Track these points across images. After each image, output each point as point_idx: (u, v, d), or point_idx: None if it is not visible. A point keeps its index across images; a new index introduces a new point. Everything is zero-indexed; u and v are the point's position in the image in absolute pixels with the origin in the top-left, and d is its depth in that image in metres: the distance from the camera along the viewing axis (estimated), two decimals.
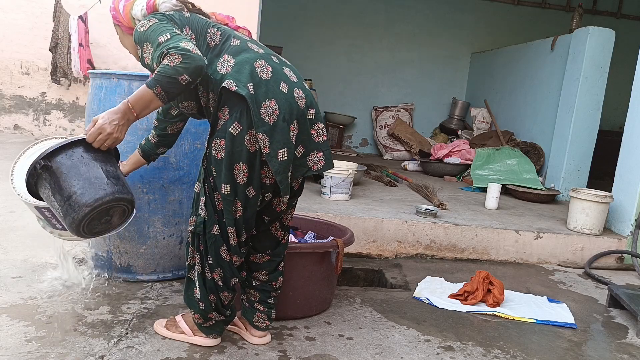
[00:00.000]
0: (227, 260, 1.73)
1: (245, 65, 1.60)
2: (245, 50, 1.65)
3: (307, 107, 1.69)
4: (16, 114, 6.81)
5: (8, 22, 6.60)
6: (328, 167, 1.74)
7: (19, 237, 2.76)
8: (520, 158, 4.86)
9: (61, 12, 6.39)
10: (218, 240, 1.71)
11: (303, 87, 1.71)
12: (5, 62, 6.70)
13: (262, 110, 1.57)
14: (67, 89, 6.84)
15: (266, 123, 1.56)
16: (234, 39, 1.68)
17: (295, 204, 1.91)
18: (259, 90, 1.58)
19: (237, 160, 1.60)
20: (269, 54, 1.71)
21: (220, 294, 1.76)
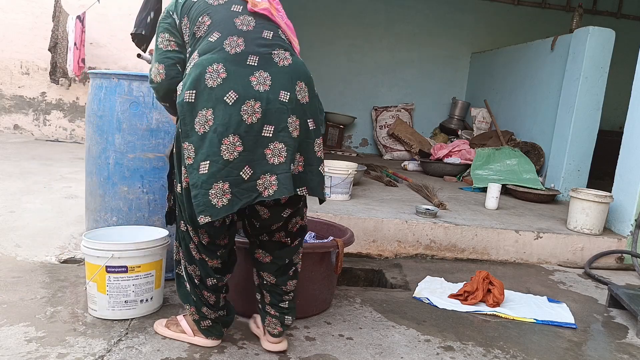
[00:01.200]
0: (197, 259, 1.70)
1: (196, 69, 1.51)
2: (215, 49, 1.52)
3: (263, 122, 1.49)
4: (16, 114, 6.81)
5: (8, 22, 6.60)
6: (281, 193, 1.50)
7: (19, 237, 2.76)
8: (520, 158, 4.86)
9: (61, 12, 6.39)
10: (186, 237, 1.70)
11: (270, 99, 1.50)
12: (5, 62, 6.70)
13: (196, 120, 1.48)
14: (67, 89, 6.84)
15: (196, 133, 1.48)
16: (215, 33, 1.55)
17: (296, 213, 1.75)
18: (200, 97, 1.49)
19: (182, 164, 1.57)
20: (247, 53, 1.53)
21: (202, 292, 1.75)
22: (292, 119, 1.53)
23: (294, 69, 1.58)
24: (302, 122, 1.57)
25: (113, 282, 1.94)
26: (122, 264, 1.94)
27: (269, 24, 1.62)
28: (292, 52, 1.62)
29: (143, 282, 2.00)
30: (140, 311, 2.01)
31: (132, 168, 2.28)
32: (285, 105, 1.52)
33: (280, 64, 1.56)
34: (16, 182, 3.96)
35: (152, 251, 2.00)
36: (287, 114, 1.53)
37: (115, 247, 1.93)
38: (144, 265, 1.99)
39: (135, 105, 2.27)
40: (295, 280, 1.83)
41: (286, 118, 1.52)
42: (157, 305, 2.08)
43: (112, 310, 1.96)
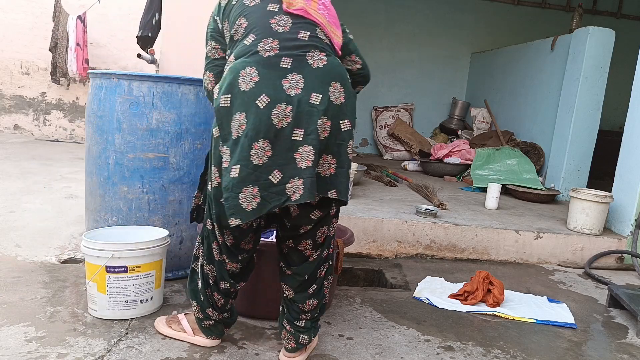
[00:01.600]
0: (217, 260, 1.71)
1: (231, 74, 1.51)
2: (249, 53, 1.52)
3: (294, 126, 1.47)
4: (16, 114, 6.81)
5: (8, 22, 6.60)
6: (306, 197, 1.47)
7: (19, 237, 2.76)
8: (520, 158, 4.86)
9: (61, 12, 6.39)
10: (211, 235, 1.70)
11: (300, 102, 1.48)
12: (5, 62, 6.70)
13: (232, 124, 1.49)
14: (67, 89, 6.85)
15: (231, 137, 1.50)
16: (251, 35, 1.54)
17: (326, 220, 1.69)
18: (235, 101, 1.49)
19: (213, 162, 1.60)
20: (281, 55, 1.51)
21: (213, 293, 1.76)
22: (322, 120, 1.50)
23: (329, 69, 1.54)
24: (334, 123, 1.53)
25: (113, 282, 1.94)
26: (122, 264, 1.94)
27: (306, 23, 1.57)
28: (328, 52, 1.58)
29: (143, 282, 2.00)
30: (141, 311, 2.01)
31: (132, 168, 2.28)
32: (316, 107, 1.49)
33: (314, 65, 1.52)
34: (16, 182, 3.96)
35: (152, 251, 2.00)
36: (318, 115, 1.49)
37: (115, 247, 1.93)
38: (144, 265, 1.99)
39: (135, 105, 2.27)
40: (316, 301, 1.74)
41: (316, 120, 1.49)
42: (157, 305, 2.08)
43: (112, 310, 1.96)
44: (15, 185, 3.83)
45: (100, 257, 1.92)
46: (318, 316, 1.80)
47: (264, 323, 2.06)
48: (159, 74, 2.59)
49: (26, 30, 6.66)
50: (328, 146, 1.54)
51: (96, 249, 1.93)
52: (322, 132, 1.51)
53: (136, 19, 6.71)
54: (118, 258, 1.93)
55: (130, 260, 1.95)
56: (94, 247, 1.94)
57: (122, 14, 6.74)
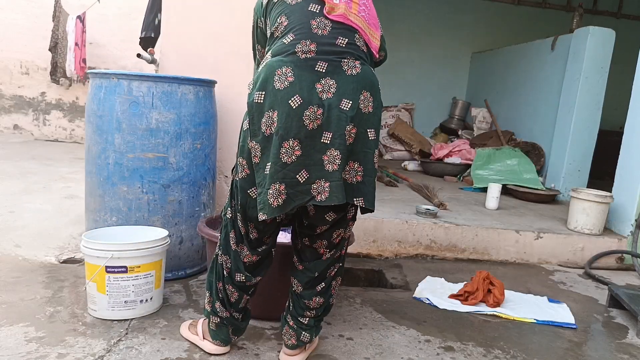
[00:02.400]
0: (234, 250, 1.71)
1: (266, 71, 1.53)
2: (286, 52, 1.53)
3: (323, 129, 1.50)
4: (16, 114, 6.81)
5: (8, 22, 6.60)
6: (332, 200, 1.50)
7: (19, 237, 2.76)
8: (520, 158, 4.85)
9: (61, 11, 6.39)
10: (229, 224, 1.72)
11: (331, 106, 1.50)
12: (5, 62, 6.70)
13: (263, 120, 1.52)
14: (67, 89, 6.84)
15: (262, 133, 1.52)
16: (290, 34, 1.55)
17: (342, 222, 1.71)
18: (268, 98, 1.51)
19: (241, 154, 1.62)
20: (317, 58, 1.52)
21: (226, 285, 1.74)
22: (349, 127, 1.53)
23: (362, 77, 1.57)
24: (361, 131, 1.56)
25: (113, 282, 1.94)
26: (122, 264, 1.94)
27: (346, 29, 1.59)
28: (363, 61, 1.60)
29: (143, 282, 2.00)
30: (140, 311, 2.00)
31: (131, 168, 2.28)
32: (346, 113, 1.52)
33: (348, 72, 1.55)
34: (16, 182, 3.96)
35: (152, 251, 2.00)
36: (346, 121, 1.52)
37: (115, 247, 1.93)
38: (144, 265, 1.98)
39: (135, 105, 2.26)
40: (322, 299, 1.75)
41: (345, 126, 1.52)
42: (156, 305, 2.08)
43: (111, 310, 1.96)
44: (15, 185, 3.83)
45: (100, 257, 1.92)
46: (322, 316, 1.80)
47: (264, 323, 2.06)
48: (159, 74, 2.59)
49: (26, 30, 6.66)
50: (354, 152, 1.56)
51: (96, 249, 1.93)
52: (349, 138, 1.53)
53: (136, 19, 6.71)
54: (118, 258, 1.93)
55: (129, 260, 1.95)
56: (94, 247, 1.93)
57: (122, 14, 6.74)
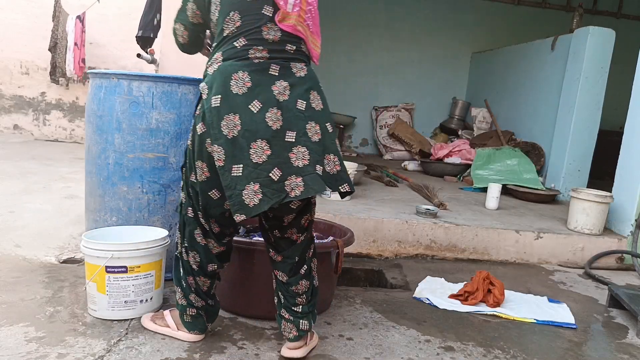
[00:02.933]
0: (202, 244, 1.76)
1: (221, 75, 1.58)
2: (240, 57, 1.59)
3: (285, 129, 1.58)
4: (16, 114, 6.81)
5: (8, 22, 6.60)
6: (308, 193, 1.57)
7: (19, 237, 2.76)
8: (520, 158, 4.85)
9: (60, 11, 6.39)
10: (192, 223, 1.75)
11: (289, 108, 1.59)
12: (5, 62, 6.70)
13: (223, 123, 1.56)
14: (67, 89, 6.84)
15: (224, 136, 1.56)
16: (242, 39, 1.60)
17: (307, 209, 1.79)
18: (226, 103, 1.56)
19: (199, 158, 1.65)
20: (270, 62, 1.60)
21: (197, 278, 1.80)
22: (310, 124, 1.62)
23: (309, 79, 1.68)
24: (323, 127, 1.66)
25: (113, 282, 1.94)
26: (122, 264, 1.94)
27: (293, 37, 1.66)
28: (307, 64, 1.72)
29: (143, 282, 2.00)
30: (140, 311, 2.00)
31: (131, 168, 2.28)
32: (303, 113, 1.62)
33: (297, 74, 1.65)
34: (16, 182, 3.96)
35: (152, 251, 2.00)
36: (305, 120, 1.62)
37: (115, 247, 1.93)
38: (144, 265, 1.98)
39: (135, 105, 2.26)
40: (307, 282, 1.81)
41: (304, 124, 1.61)
42: (156, 305, 2.08)
43: (111, 310, 1.96)
44: (15, 185, 3.83)
45: (100, 257, 1.92)
46: (313, 300, 1.84)
47: (264, 323, 2.06)
48: (159, 74, 2.59)
49: (26, 30, 6.66)
50: (327, 146, 1.65)
51: (96, 249, 1.93)
52: (315, 135, 1.63)
53: (136, 19, 6.69)
54: (118, 258, 1.93)
55: (129, 260, 1.95)
56: (94, 247, 1.93)
57: (122, 14, 6.74)
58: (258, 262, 2.05)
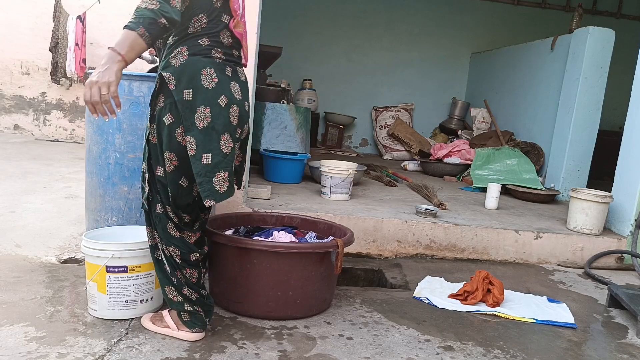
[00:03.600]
0: (177, 237, 1.82)
1: (190, 69, 1.68)
2: (204, 54, 1.71)
3: (238, 126, 1.79)
4: (16, 114, 6.81)
5: (8, 22, 6.60)
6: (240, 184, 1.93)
7: (19, 237, 2.76)
8: (520, 158, 4.86)
9: (61, 12, 6.39)
10: (163, 219, 1.80)
11: (242, 106, 1.81)
12: (5, 62, 6.70)
13: (196, 116, 1.68)
14: (67, 89, 6.84)
15: (196, 127, 1.68)
16: (206, 38, 1.71)
17: None
18: (198, 96, 1.68)
19: (167, 149, 1.71)
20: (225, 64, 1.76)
21: (184, 271, 1.85)
22: (247, 125, 1.91)
23: (247, 84, 1.89)
24: (248, 127, 1.94)
25: (113, 282, 1.95)
26: (123, 264, 1.94)
27: (239, 43, 1.84)
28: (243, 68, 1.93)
29: (143, 282, 2.00)
30: (141, 311, 2.01)
31: (132, 168, 2.29)
32: (248, 113, 1.88)
33: (241, 78, 1.86)
34: (16, 182, 3.96)
35: None
36: (247, 120, 1.88)
37: (116, 247, 1.94)
38: (144, 265, 1.99)
39: (136, 105, 2.27)
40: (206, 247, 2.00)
41: (246, 124, 1.88)
42: (157, 305, 2.08)
43: (112, 310, 1.96)
44: (16, 185, 3.83)
45: (101, 257, 1.93)
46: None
47: (264, 323, 2.06)
48: None
49: (26, 30, 6.66)
50: (243, 145, 1.96)
51: (96, 249, 1.93)
52: (246, 135, 1.93)
53: None
54: (118, 258, 1.93)
55: (130, 260, 1.96)
56: (94, 247, 1.94)
57: (123, 14, 6.74)
58: (257, 261, 2.05)
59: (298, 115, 4.32)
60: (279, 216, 2.60)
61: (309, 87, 6.82)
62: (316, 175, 4.01)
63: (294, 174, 4.03)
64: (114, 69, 1.49)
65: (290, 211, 2.95)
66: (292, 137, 4.24)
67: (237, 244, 2.06)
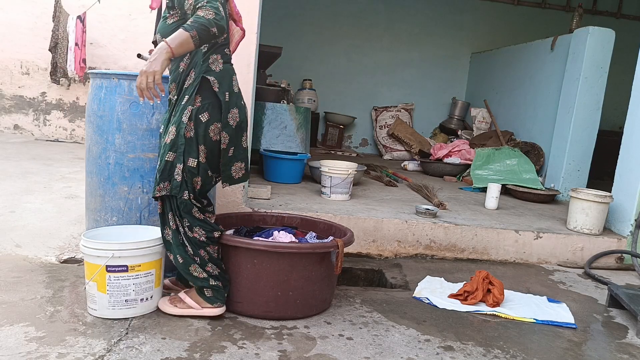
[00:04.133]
0: (201, 219, 2.00)
1: (227, 75, 2.00)
2: (229, 62, 2.04)
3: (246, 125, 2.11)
4: (16, 114, 6.81)
5: (8, 22, 6.60)
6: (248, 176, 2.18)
7: (19, 237, 2.76)
8: (520, 158, 4.86)
9: (61, 12, 6.39)
10: (189, 204, 1.97)
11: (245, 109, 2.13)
12: (5, 62, 6.70)
13: (229, 115, 1.99)
14: (67, 89, 6.84)
15: (230, 125, 2.00)
16: (228, 48, 2.05)
17: None
18: (231, 98, 1.99)
19: (201, 143, 1.95)
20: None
21: (207, 248, 2.02)
22: None
23: None
24: None
25: (113, 281, 1.95)
26: (123, 263, 1.95)
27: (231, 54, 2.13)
28: None
29: (143, 281, 2.00)
30: (141, 310, 2.01)
31: (132, 168, 2.29)
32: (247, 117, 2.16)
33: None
34: (16, 182, 3.96)
35: (152, 250, 2.02)
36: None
37: (116, 247, 1.94)
38: (144, 264, 1.99)
39: (136, 105, 2.27)
40: None
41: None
42: (157, 304, 2.08)
43: (112, 309, 1.96)
44: (16, 185, 3.83)
45: (101, 257, 1.93)
46: None
47: (264, 323, 2.06)
48: None
49: (26, 30, 6.66)
50: None
51: (96, 249, 1.93)
52: None
53: (136, 19, 6.72)
54: (118, 257, 1.93)
55: (130, 259, 1.96)
56: (94, 246, 1.94)
57: (122, 14, 6.74)
58: (258, 261, 2.05)
59: (298, 115, 4.32)
60: (279, 216, 2.60)
61: (309, 87, 6.82)
62: (316, 175, 4.01)
63: (294, 174, 4.04)
64: (160, 59, 1.78)
65: (290, 211, 2.95)
66: (292, 137, 4.24)
67: (237, 244, 2.06)
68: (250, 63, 2.87)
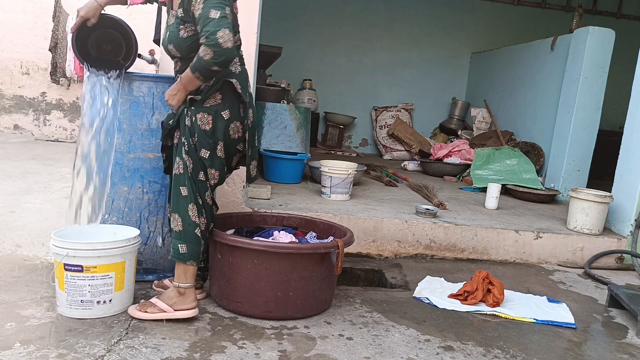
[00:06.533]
0: (209, 205, 2.07)
1: (245, 77, 2.10)
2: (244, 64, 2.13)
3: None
4: (16, 114, 6.81)
5: (8, 22, 6.60)
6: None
7: (19, 237, 2.76)
8: (520, 158, 4.86)
9: (61, 12, 6.39)
10: (202, 187, 2.03)
11: None
12: (5, 62, 6.70)
13: (248, 115, 2.10)
14: (67, 89, 6.84)
15: (249, 125, 2.11)
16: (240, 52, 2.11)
17: None
18: (250, 100, 2.11)
19: (220, 139, 2.03)
20: None
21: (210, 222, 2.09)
22: None
23: None
24: None
25: (70, 280, 1.94)
26: (77, 263, 1.93)
27: None
28: None
29: (100, 283, 1.97)
30: (97, 312, 1.98)
31: (132, 168, 2.29)
32: None
33: None
34: (16, 182, 3.96)
35: (109, 252, 1.97)
36: None
37: (70, 246, 1.93)
38: (100, 266, 1.96)
39: (136, 105, 2.27)
40: None
41: None
42: (117, 308, 2.03)
43: (69, 308, 1.95)
44: (16, 185, 3.83)
45: (59, 255, 1.93)
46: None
47: (264, 323, 2.06)
48: (159, 74, 2.59)
49: (26, 30, 6.66)
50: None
51: (56, 246, 1.94)
52: None
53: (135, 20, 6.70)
54: (73, 257, 1.92)
55: (85, 260, 1.94)
56: (55, 243, 1.95)
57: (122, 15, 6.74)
58: (258, 262, 2.05)
59: (298, 115, 4.32)
60: (279, 216, 2.60)
61: (309, 87, 6.81)
62: (316, 175, 4.01)
63: (294, 174, 4.04)
64: (177, 98, 1.98)
65: (290, 211, 2.95)
66: (292, 137, 4.24)
67: (237, 244, 2.06)
68: (250, 63, 2.86)
